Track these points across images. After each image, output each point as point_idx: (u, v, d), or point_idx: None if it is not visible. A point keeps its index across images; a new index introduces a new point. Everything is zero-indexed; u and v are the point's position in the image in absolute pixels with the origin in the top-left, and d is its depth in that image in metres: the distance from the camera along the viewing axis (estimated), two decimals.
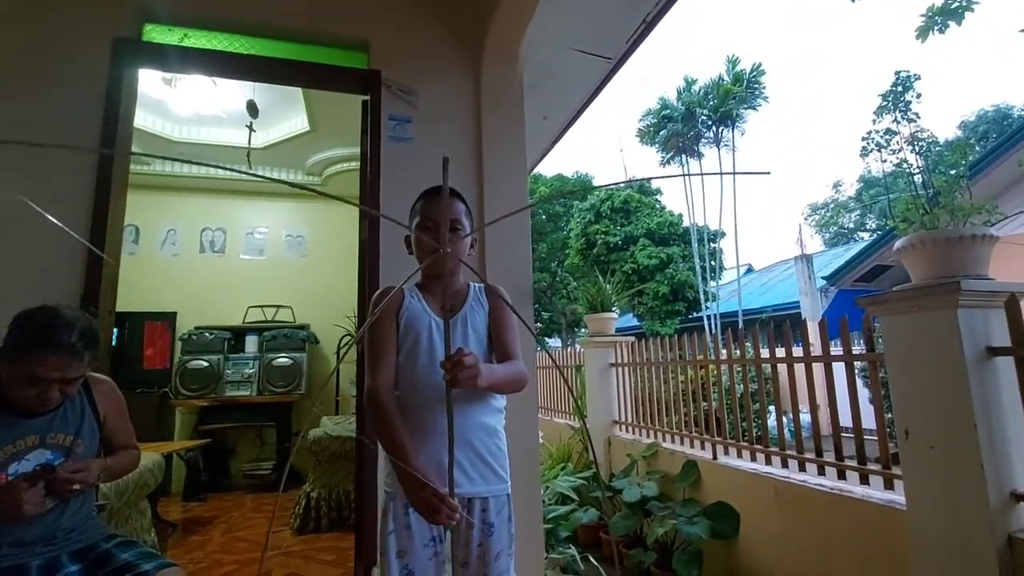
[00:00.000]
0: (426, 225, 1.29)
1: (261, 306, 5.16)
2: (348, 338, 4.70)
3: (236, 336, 4.89)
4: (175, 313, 4.91)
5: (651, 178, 4.77)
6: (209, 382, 4.53)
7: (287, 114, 4.21)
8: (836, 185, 28.31)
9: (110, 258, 1.97)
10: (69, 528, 1.41)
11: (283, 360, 4.72)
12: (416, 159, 2.34)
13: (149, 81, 3.51)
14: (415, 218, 1.33)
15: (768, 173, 0.75)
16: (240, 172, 0.75)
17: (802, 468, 2.55)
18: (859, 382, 2.44)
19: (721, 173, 3.50)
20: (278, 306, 5.20)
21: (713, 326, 10.64)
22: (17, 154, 1.94)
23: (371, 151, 2.33)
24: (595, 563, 2.58)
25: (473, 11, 2.47)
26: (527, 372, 1.31)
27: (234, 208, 5.31)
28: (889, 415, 2.08)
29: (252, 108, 3.40)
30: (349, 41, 2.43)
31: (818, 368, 2.52)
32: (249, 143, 3.62)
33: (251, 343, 4.89)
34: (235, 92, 3.76)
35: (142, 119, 4.08)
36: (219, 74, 2.54)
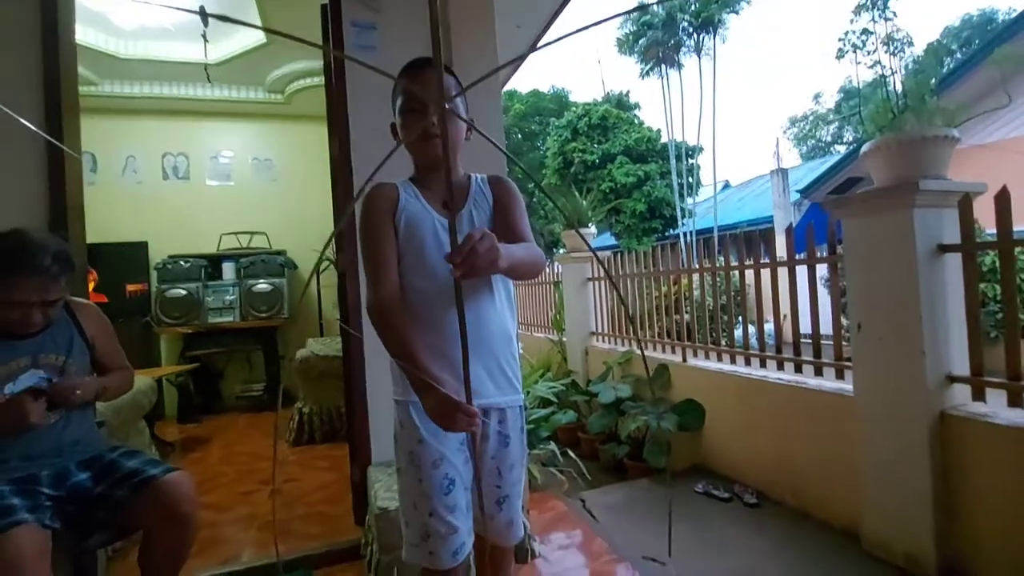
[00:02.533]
0: (411, 107, 1.09)
1: (235, 233, 5.07)
2: (326, 262, 4.69)
3: (212, 264, 4.84)
4: (146, 243, 4.82)
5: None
6: (190, 310, 4.54)
7: (240, 25, 3.91)
8: (816, 97, 27.86)
9: (72, 177, 1.91)
10: (74, 440, 1.48)
11: (263, 286, 4.72)
12: (384, 68, 2.23)
13: None
14: (397, 99, 1.12)
15: None
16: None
17: (763, 365, 2.74)
18: (822, 290, 2.56)
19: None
20: (252, 232, 5.12)
21: (688, 241, 10.82)
22: None
23: (334, 61, 2.22)
24: (574, 457, 2.80)
25: None
26: (543, 256, 1.19)
27: (195, 131, 5.06)
28: (847, 321, 2.22)
29: (203, 14, 3.14)
30: None
31: (784, 278, 2.63)
32: (206, 55, 3.38)
33: (228, 270, 4.85)
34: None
35: (83, 34, 3.77)
36: None
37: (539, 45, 3.99)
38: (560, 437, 3.31)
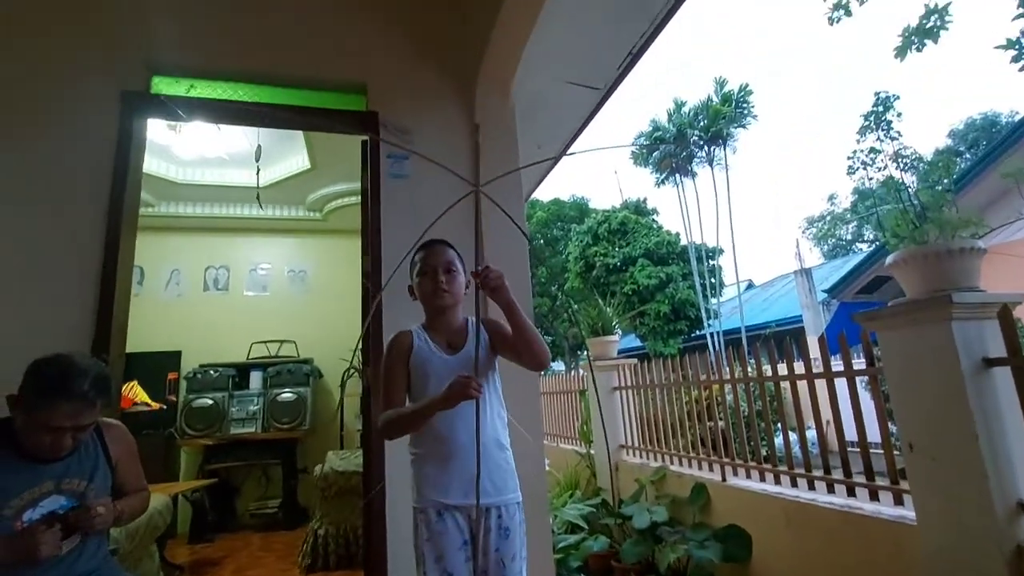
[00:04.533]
0: (425, 271, 1.46)
1: (265, 341, 5.19)
2: (351, 371, 4.71)
3: (240, 373, 4.90)
4: (180, 352, 4.94)
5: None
6: (214, 420, 4.52)
7: (287, 153, 4.31)
8: (831, 198, 28.52)
9: (121, 299, 2.02)
10: (87, 572, 1.42)
11: (287, 395, 4.71)
12: (415, 193, 2.40)
13: (154, 127, 3.61)
14: (415, 267, 1.48)
15: None
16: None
17: (811, 486, 2.54)
18: (864, 394, 2.44)
19: None
20: (282, 341, 5.22)
21: (716, 344, 10.61)
22: (30, 196, 2.02)
23: (371, 188, 2.40)
24: None
25: (466, 49, 2.58)
26: (546, 346, 1.43)
27: (236, 245, 5.39)
28: (895, 428, 2.09)
29: (259, 153, 3.54)
30: (348, 85, 2.53)
31: (821, 383, 2.53)
32: (258, 185, 3.73)
33: (255, 379, 4.89)
34: (237, 134, 3.86)
35: (146, 163, 4.17)
36: (224, 121, 2.64)
37: (557, 157, 4.26)
38: (591, 566, 3.04)
